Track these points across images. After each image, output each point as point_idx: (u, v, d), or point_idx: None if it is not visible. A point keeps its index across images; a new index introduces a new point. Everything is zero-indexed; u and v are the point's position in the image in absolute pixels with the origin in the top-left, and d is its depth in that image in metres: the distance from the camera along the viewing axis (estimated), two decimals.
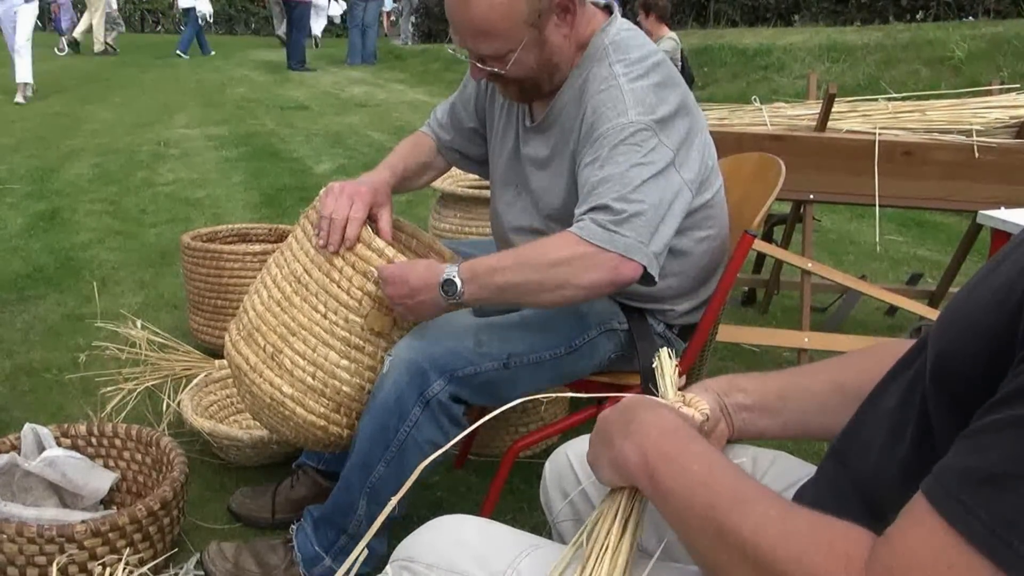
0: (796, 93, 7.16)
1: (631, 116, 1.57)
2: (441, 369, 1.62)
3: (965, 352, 0.70)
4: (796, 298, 3.39)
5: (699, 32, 11.04)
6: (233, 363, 1.77)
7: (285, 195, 5.51)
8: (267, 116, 9.15)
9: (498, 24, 1.60)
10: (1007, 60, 7.37)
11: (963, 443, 0.63)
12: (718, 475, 0.78)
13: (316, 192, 1.77)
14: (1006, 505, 0.58)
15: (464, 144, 1.99)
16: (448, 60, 13.71)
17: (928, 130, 3.06)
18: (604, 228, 1.50)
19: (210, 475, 2.26)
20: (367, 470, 1.67)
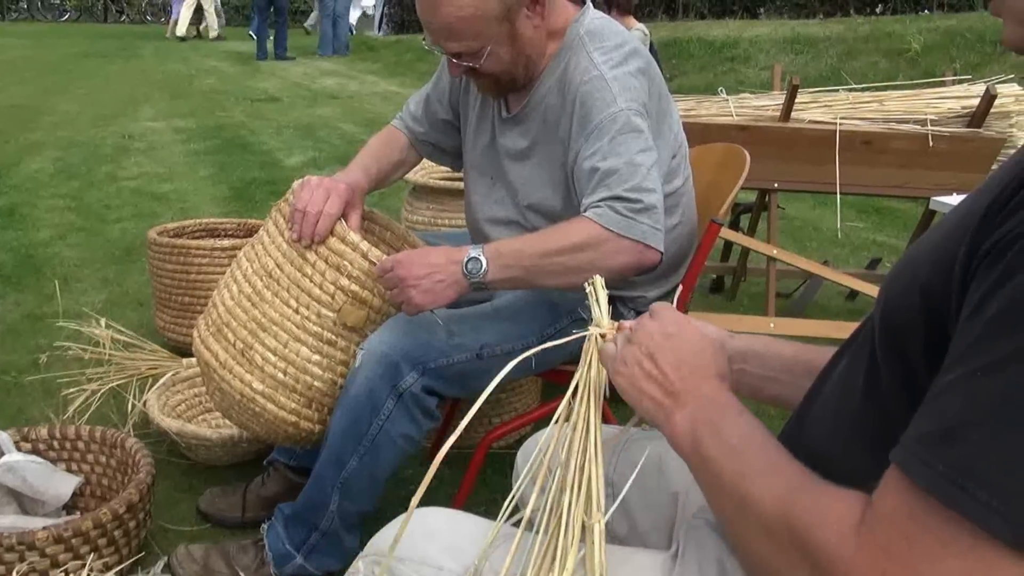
0: (761, 84, 7.24)
1: (620, 104, 1.61)
2: (414, 361, 1.62)
3: (906, 305, 0.74)
4: (762, 284, 3.45)
5: (668, 24, 11.11)
6: (202, 359, 1.75)
7: (255, 189, 5.46)
8: (236, 108, 9.06)
9: (469, 22, 1.61)
10: (960, 52, 7.52)
11: (922, 410, 0.66)
12: (754, 445, 0.82)
13: (287, 185, 1.77)
14: (959, 455, 0.61)
15: (438, 137, 2.00)
16: (421, 51, 13.65)
17: (886, 120, 3.17)
18: (623, 216, 1.54)
19: (178, 476, 2.24)
20: (339, 465, 1.66)
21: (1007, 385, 0.60)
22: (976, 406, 0.61)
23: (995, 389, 0.60)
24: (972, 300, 0.65)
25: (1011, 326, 0.61)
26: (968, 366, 0.63)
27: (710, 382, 0.92)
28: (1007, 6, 0.74)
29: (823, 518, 0.70)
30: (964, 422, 0.61)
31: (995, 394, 0.60)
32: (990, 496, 0.59)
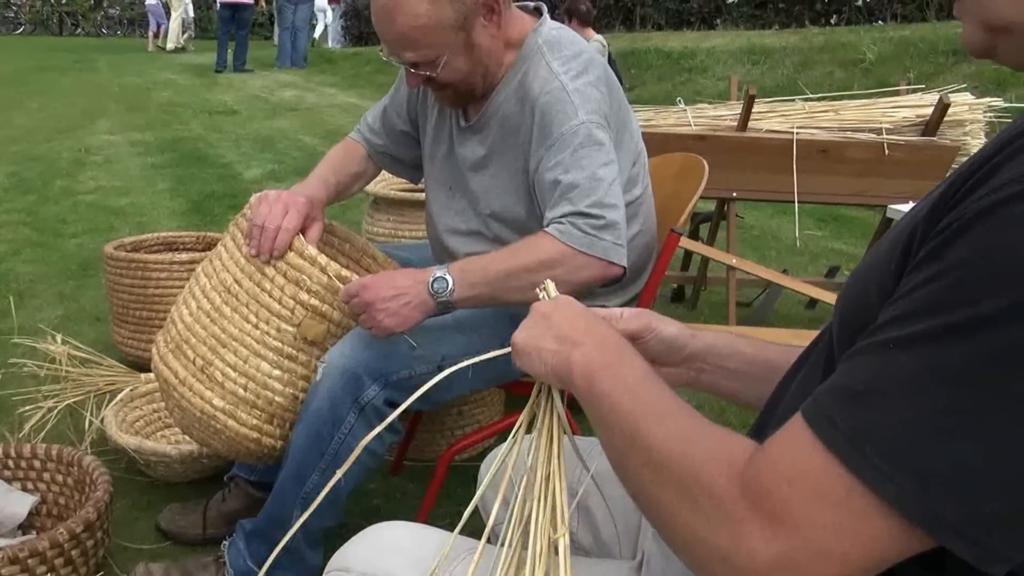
0: (719, 94, 7.32)
1: (582, 116, 1.61)
2: (375, 374, 1.61)
3: (863, 310, 0.75)
4: (723, 293, 3.48)
5: (626, 35, 11.23)
6: (161, 377, 1.73)
7: (213, 202, 5.42)
8: (194, 121, 8.99)
9: (425, 32, 1.61)
10: (913, 62, 7.67)
11: (839, 368, 0.69)
12: (646, 387, 0.83)
13: (246, 199, 1.75)
14: (862, 418, 0.64)
15: (397, 148, 1.99)
16: (379, 63, 13.64)
17: (842, 129, 3.22)
18: (586, 233, 1.57)
19: (137, 493, 2.20)
20: (301, 480, 1.65)
21: (915, 362, 0.62)
22: (885, 376, 0.64)
23: (904, 363, 0.63)
24: (908, 275, 0.68)
25: (928, 307, 0.63)
26: (886, 335, 0.65)
27: (605, 326, 0.95)
28: (966, 4, 0.76)
29: (713, 458, 0.72)
30: (871, 388, 0.64)
31: (903, 368, 0.63)
32: (883, 461, 0.62)
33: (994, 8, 0.72)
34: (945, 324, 0.62)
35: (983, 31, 0.75)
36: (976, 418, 0.60)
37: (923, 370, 0.62)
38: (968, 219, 0.63)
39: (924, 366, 0.62)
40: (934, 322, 0.62)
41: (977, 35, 0.76)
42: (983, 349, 0.60)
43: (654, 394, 0.82)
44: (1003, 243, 0.60)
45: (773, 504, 0.67)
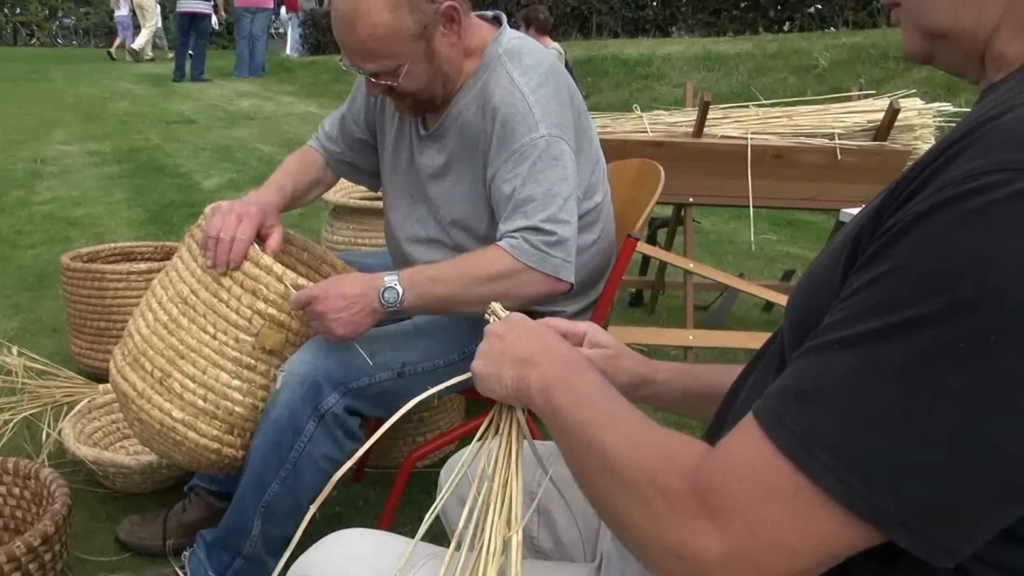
0: (675, 100, 7.40)
1: (542, 130, 1.63)
2: (335, 382, 1.61)
3: (811, 313, 0.78)
4: (680, 297, 3.52)
5: (583, 43, 11.29)
6: (119, 390, 1.72)
7: (172, 212, 5.37)
8: (151, 131, 8.90)
9: (385, 42, 1.61)
10: (865, 68, 7.82)
11: (788, 368, 0.71)
12: (600, 397, 0.86)
13: (204, 208, 1.75)
14: (809, 417, 0.66)
15: (355, 156, 1.99)
16: (337, 71, 13.59)
17: (796, 134, 3.24)
18: (537, 249, 1.60)
19: (96, 505, 2.19)
20: (261, 489, 1.64)
21: (859, 361, 0.65)
22: (830, 376, 0.66)
23: (848, 363, 0.65)
24: (853, 277, 0.70)
25: (871, 308, 0.65)
26: (831, 335, 0.67)
27: (560, 343, 0.98)
28: (904, 11, 0.80)
29: (666, 460, 0.74)
30: (817, 388, 0.66)
31: (847, 367, 0.65)
32: (829, 458, 0.64)
33: (930, 16, 0.76)
34: (887, 324, 0.64)
35: (921, 38, 0.79)
36: (917, 414, 0.62)
37: (866, 369, 0.64)
38: (908, 222, 0.65)
39: (867, 365, 0.64)
40: (876, 322, 0.64)
41: (916, 42, 0.80)
42: (922, 347, 0.62)
43: (607, 403, 0.85)
44: (941, 244, 0.62)
45: (724, 501, 0.69)
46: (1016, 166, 0.61)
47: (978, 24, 0.75)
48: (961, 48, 0.78)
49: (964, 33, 0.76)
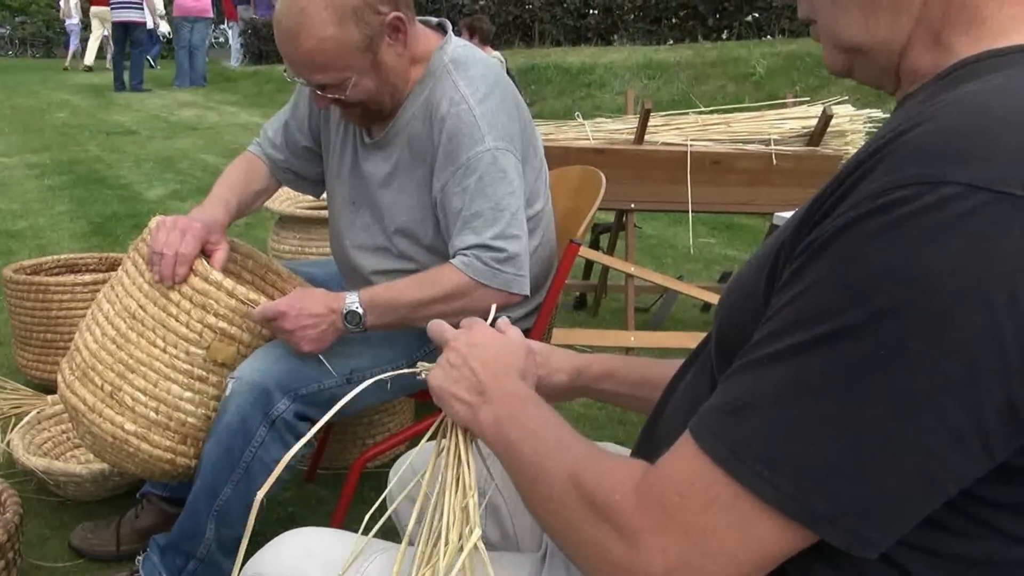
0: (617, 108, 7.50)
1: (488, 143, 1.66)
2: (285, 388, 1.64)
3: (737, 319, 0.82)
4: (622, 300, 3.58)
5: (525, 51, 11.32)
6: (69, 404, 1.71)
7: (115, 223, 5.32)
8: (91, 142, 8.76)
9: (331, 55, 1.62)
10: (800, 75, 8.01)
11: (720, 386, 0.75)
12: (548, 429, 0.90)
13: (149, 219, 1.76)
14: (742, 431, 0.70)
15: (299, 164, 1.98)
16: (281, 81, 13.46)
17: (733, 141, 3.31)
18: (489, 267, 1.66)
19: (48, 513, 2.19)
20: (214, 494, 1.66)
21: (785, 374, 0.68)
22: (760, 390, 0.70)
23: (775, 376, 0.69)
24: (776, 293, 0.74)
25: (794, 322, 0.69)
26: (759, 353, 0.71)
27: (512, 379, 1.01)
28: (821, 27, 0.83)
29: (609, 480, 0.78)
30: (748, 403, 0.70)
31: (774, 381, 0.69)
32: (762, 467, 0.68)
33: (844, 32, 0.80)
34: (811, 336, 0.67)
35: (839, 52, 0.83)
36: (843, 420, 0.65)
37: (791, 381, 0.68)
38: (827, 238, 0.68)
39: (792, 377, 0.68)
40: (802, 335, 0.68)
41: (835, 56, 0.84)
42: (846, 356, 0.65)
43: (554, 434, 0.88)
44: (858, 258, 0.65)
45: (666, 514, 0.72)
46: (924, 180, 0.63)
47: (891, 38, 0.78)
48: (877, 62, 0.81)
49: (878, 47, 0.79)
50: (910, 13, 0.77)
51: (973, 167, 0.63)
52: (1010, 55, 0.73)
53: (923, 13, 0.76)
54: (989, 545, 0.71)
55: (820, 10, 0.82)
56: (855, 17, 0.79)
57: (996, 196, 0.61)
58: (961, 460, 0.65)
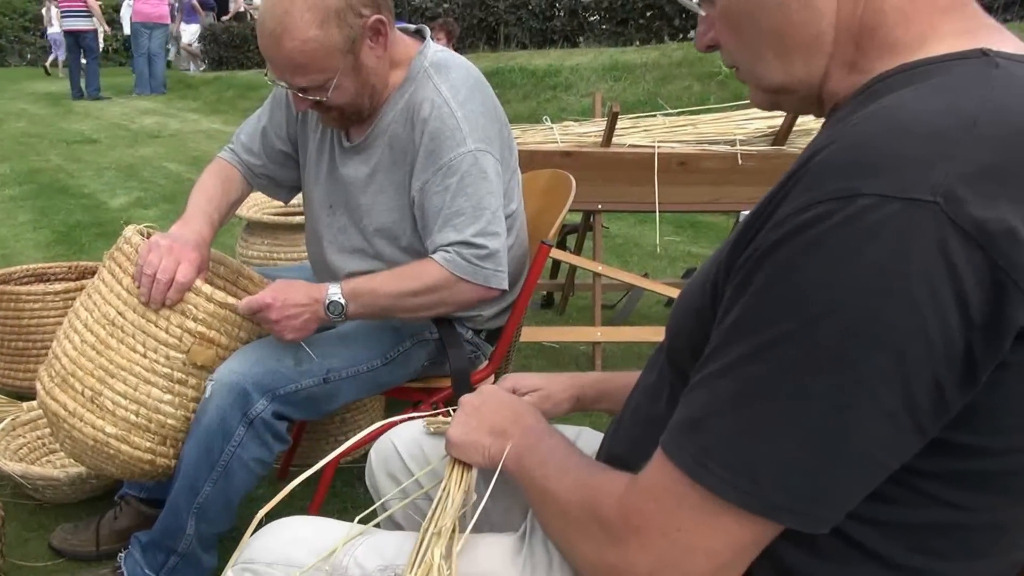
0: (583, 110, 7.54)
1: (470, 144, 1.70)
2: (263, 389, 1.67)
3: (684, 329, 0.91)
4: (589, 298, 3.64)
5: (491, 55, 11.31)
6: (49, 410, 1.72)
7: (80, 232, 5.29)
8: (52, 151, 8.68)
9: (313, 57, 1.63)
10: None
11: (681, 401, 0.83)
12: (557, 455, 1.01)
13: (114, 227, 1.77)
14: (703, 440, 0.78)
15: (275, 169, 2.00)
16: (242, 87, 13.41)
17: (699, 141, 3.33)
18: (469, 263, 1.71)
19: (27, 516, 2.21)
20: (194, 492, 1.69)
21: (734, 384, 0.76)
22: (714, 402, 0.77)
23: (726, 388, 0.76)
24: (721, 310, 0.80)
25: (739, 335, 0.75)
26: (710, 368, 0.79)
27: (527, 417, 1.12)
28: (743, 73, 0.90)
29: (601, 494, 0.88)
30: (706, 414, 0.78)
31: (726, 392, 0.76)
32: (723, 471, 0.76)
33: (765, 77, 0.88)
34: (752, 347, 0.74)
35: (764, 92, 0.90)
36: (787, 418, 0.73)
37: (740, 389, 0.75)
38: (759, 256, 0.74)
39: (740, 386, 0.75)
40: (744, 348, 0.75)
41: (760, 96, 0.91)
42: (784, 362, 0.72)
43: (562, 459, 0.99)
44: (790, 271, 0.71)
45: (644, 520, 0.82)
46: (841, 194, 0.69)
47: (809, 76, 0.85)
48: (799, 96, 0.88)
49: (798, 84, 0.86)
50: (823, 52, 0.83)
51: (884, 178, 0.68)
52: (921, 68, 0.78)
53: (836, 49, 0.83)
54: (929, 512, 0.79)
55: (740, 59, 0.89)
56: (773, 63, 0.86)
57: (907, 203, 0.67)
58: (898, 440, 0.72)
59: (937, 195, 0.67)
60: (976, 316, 0.67)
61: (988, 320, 0.68)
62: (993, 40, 0.79)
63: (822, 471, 0.73)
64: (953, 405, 0.71)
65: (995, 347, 0.69)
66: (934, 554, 0.81)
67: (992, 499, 0.79)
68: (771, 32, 0.84)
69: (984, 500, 0.78)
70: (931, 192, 0.67)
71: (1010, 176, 0.69)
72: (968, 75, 0.76)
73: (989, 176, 0.68)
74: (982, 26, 0.81)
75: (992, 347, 0.69)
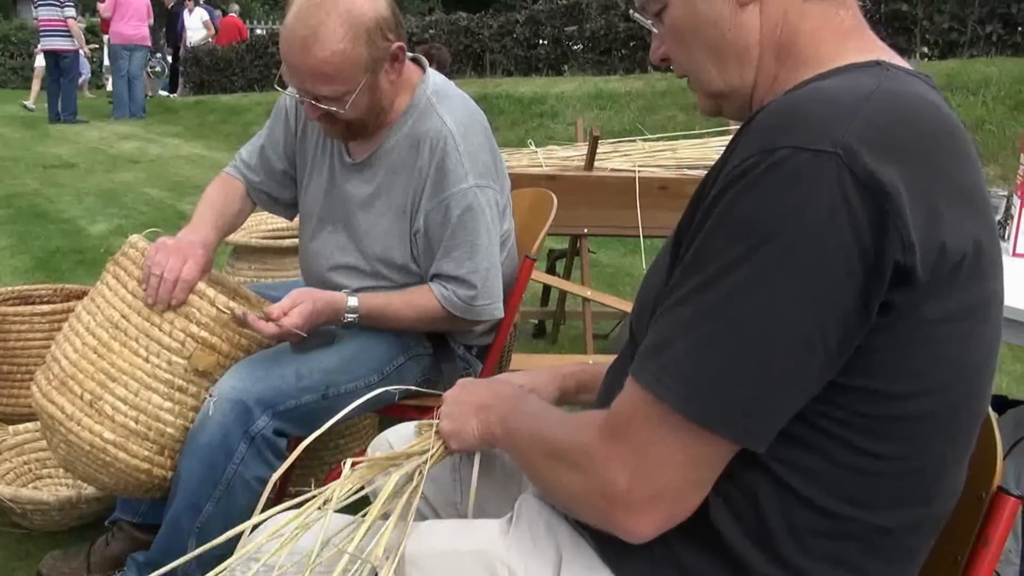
0: (569, 137, 7.54)
1: (471, 180, 1.80)
2: (264, 405, 1.69)
3: (647, 305, 1.01)
4: (580, 327, 3.65)
5: (478, 81, 11.38)
6: (45, 412, 1.72)
7: (60, 258, 5.24)
8: (28, 175, 8.59)
9: (339, 68, 1.71)
10: None
11: (648, 331, 0.94)
12: (540, 411, 1.14)
13: (95, 254, 1.78)
14: (662, 360, 0.90)
15: (274, 186, 2.05)
16: (225, 112, 13.35)
17: (679, 167, 3.43)
18: (464, 302, 1.84)
19: (14, 544, 2.18)
20: (196, 511, 1.69)
21: (688, 310, 0.88)
22: (671, 328, 0.90)
23: (681, 316, 0.89)
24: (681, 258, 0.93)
25: (692, 271, 0.89)
26: (671, 300, 0.91)
27: (504, 388, 1.25)
28: (691, 81, 1.07)
29: (583, 428, 1.00)
30: (665, 338, 0.90)
31: (680, 320, 0.89)
32: (675, 384, 0.88)
33: (707, 83, 1.05)
34: (704, 277, 0.87)
35: (707, 98, 1.08)
36: (726, 338, 0.86)
37: (693, 314, 0.88)
38: (709, 204, 0.89)
39: (692, 311, 0.88)
40: (698, 279, 0.88)
41: (705, 101, 1.09)
42: (726, 287, 0.86)
43: (544, 413, 1.13)
44: (732, 211, 0.86)
45: (619, 438, 0.93)
46: (765, 148, 0.85)
47: (741, 83, 1.03)
48: (736, 102, 1.06)
49: (734, 91, 1.04)
50: (751, 63, 1.01)
51: (795, 134, 0.85)
52: (831, 72, 0.96)
53: (760, 62, 1.01)
54: (847, 459, 0.91)
55: (687, 68, 1.07)
56: (712, 71, 1.04)
57: (814, 153, 0.83)
58: (814, 363, 0.86)
59: (838, 147, 0.83)
60: (868, 252, 0.82)
61: (875, 256, 0.83)
62: (885, 57, 0.97)
63: (752, 386, 0.86)
64: (854, 336, 0.85)
65: (878, 280, 0.83)
66: (859, 503, 0.93)
67: (901, 446, 0.92)
68: (709, 46, 1.02)
69: (894, 447, 0.91)
70: (832, 145, 0.83)
71: (895, 142, 0.85)
72: (866, 72, 0.94)
73: (878, 139, 0.84)
74: (878, 47, 1.00)
75: (877, 280, 0.83)
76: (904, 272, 0.83)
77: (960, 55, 7.86)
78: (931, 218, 0.84)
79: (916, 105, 0.90)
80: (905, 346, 0.87)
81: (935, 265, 0.85)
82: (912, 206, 0.83)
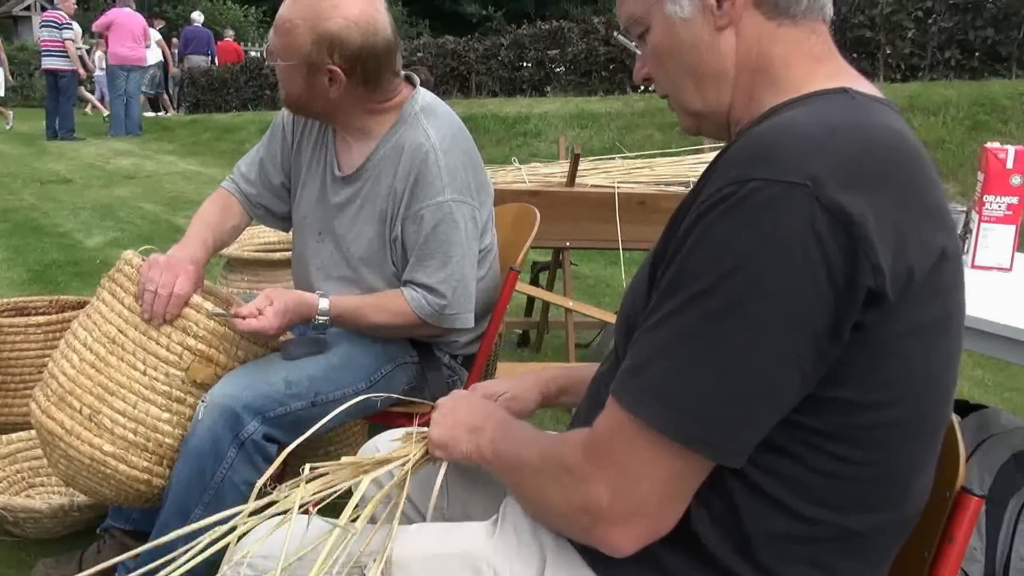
0: (552, 156, 7.64)
1: (447, 194, 1.87)
2: (254, 411, 1.73)
3: (630, 319, 1.05)
4: (563, 336, 3.74)
5: (463, 101, 11.48)
6: (45, 428, 1.75)
7: (55, 271, 5.30)
8: (25, 190, 8.64)
9: (288, 33, 1.85)
10: None
11: (627, 353, 0.98)
12: (525, 436, 1.16)
13: (91, 266, 1.82)
14: (641, 380, 0.94)
15: (271, 199, 2.13)
16: (220, 130, 13.43)
17: (657, 183, 3.55)
18: (434, 309, 1.90)
19: (6, 552, 2.21)
20: (184, 515, 1.71)
21: (665, 332, 0.92)
22: (650, 350, 0.94)
23: (659, 338, 0.93)
24: (658, 283, 0.97)
25: (668, 294, 0.92)
26: (649, 323, 0.95)
27: (497, 412, 1.27)
28: (671, 100, 1.12)
29: (565, 447, 1.03)
30: (644, 360, 0.94)
31: (659, 342, 0.93)
32: (655, 404, 0.92)
33: (686, 102, 1.10)
34: (680, 301, 0.91)
35: (687, 116, 1.12)
36: (704, 360, 0.89)
37: (670, 336, 0.92)
38: (684, 232, 0.92)
39: (669, 333, 0.92)
40: (673, 303, 0.92)
41: (685, 120, 1.13)
42: (702, 311, 0.89)
43: (531, 434, 1.15)
44: (705, 239, 0.90)
45: (601, 455, 0.97)
46: (738, 179, 0.89)
47: (719, 103, 1.07)
48: (714, 121, 1.10)
49: (711, 111, 1.09)
50: (728, 83, 1.06)
51: (767, 167, 0.88)
52: (801, 99, 1.00)
53: (737, 82, 1.05)
54: (821, 465, 0.95)
55: (668, 88, 1.12)
56: (691, 91, 1.08)
57: (785, 185, 0.87)
58: (790, 383, 0.89)
59: (807, 179, 0.86)
60: (838, 277, 0.86)
61: (845, 282, 0.86)
62: (852, 83, 1.02)
63: (728, 405, 0.89)
64: (827, 356, 0.89)
65: (851, 303, 0.87)
66: (834, 507, 0.97)
67: (873, 452, 0.95)
68: (689, 67, 1.07)
69: (866, 454, 0.95)
70: (801, 177, 0.86)
71: (861, 171, 0.89)
72: (833, 102, 0.99)
73: (845, 170, 0.88)
74: (846, 72, 1.05)
75: (849, 303, 0.87)
76: (875, 295, 0.87)
77: (921, 78, 8.13)
78: (899, 241, 0.88)
79: (880, 135, 0.94)
80: (876, 359, 0.91)
81: (904, 285, 0.88)
82: (879, 232, 0.86)
